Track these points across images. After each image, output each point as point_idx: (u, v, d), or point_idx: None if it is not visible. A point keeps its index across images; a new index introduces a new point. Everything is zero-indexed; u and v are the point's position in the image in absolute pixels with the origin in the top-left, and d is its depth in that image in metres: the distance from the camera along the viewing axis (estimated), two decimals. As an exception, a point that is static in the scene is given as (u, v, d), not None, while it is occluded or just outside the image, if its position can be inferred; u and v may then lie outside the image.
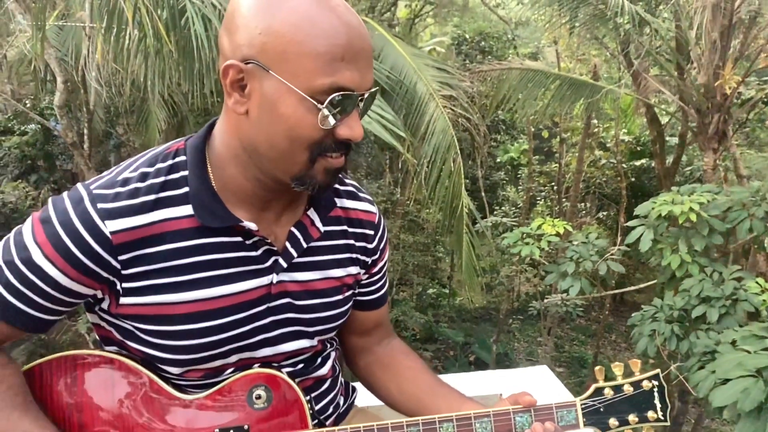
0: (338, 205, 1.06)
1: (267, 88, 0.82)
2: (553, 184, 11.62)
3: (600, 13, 5.85)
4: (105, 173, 0.92)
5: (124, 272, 0.88)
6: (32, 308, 0.88)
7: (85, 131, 6.35)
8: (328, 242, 1.03)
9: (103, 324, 0.96)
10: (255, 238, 0.94)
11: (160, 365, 0.95)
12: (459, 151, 4.48)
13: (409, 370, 1.16)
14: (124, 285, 0.89)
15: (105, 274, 0.88)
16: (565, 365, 10.11)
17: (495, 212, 10.93)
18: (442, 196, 4.72)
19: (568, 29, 6.49)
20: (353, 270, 1.07)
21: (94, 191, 0.87)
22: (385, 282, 1.18)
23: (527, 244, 4.10)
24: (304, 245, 0.99)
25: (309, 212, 1.01)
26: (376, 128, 3.98)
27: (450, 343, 10.34)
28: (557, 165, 11.10)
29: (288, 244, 0.98)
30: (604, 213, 11.30)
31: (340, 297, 1.05)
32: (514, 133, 11.23)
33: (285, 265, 0.97)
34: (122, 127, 8.74)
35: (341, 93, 0.81)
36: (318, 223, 1.01)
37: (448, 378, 2.29)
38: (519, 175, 12.48)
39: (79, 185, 0.89)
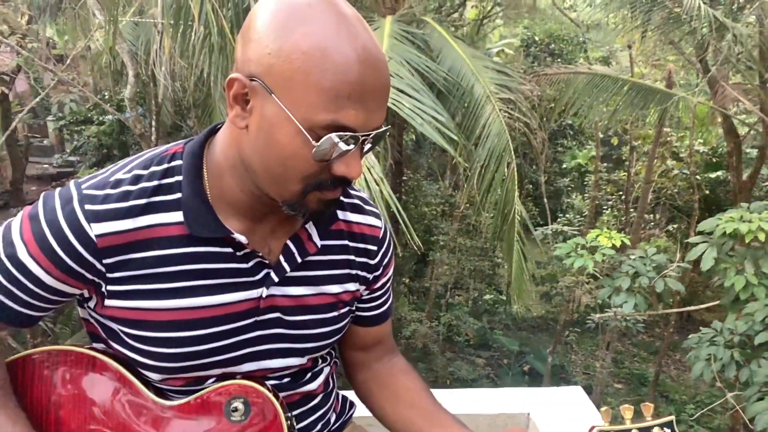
0: (341, 218, 1.01)
1: (267, 111, 0.78)
2: (620, 193, 11.20)
3: (675, 16, 5.57)
4: (101, 171, 0.90)
5: (109, 275, 0.87)
6: (16, 303, 0.87)
7: (153, 123, 6.58)
8: (325, 257, 0.99)
9: (91, 321, 0.96)
10: (246, 250, 0.91)
11: (141, 370, 0.93)
12: (513, 157, 4.36)
13: (407, 391, 1.11)
14: (109, 288, 0.87)
15: (90, 276, 0.86)
16: (624, 382, 9.73)
17: (559, 220, 10.63)
18: (495, 201, 4.61)
19: (641, 33, 6.22)
20: (351, 287, 1.03)
21: (84, 191, 0.86)
22: (388, 298, 1.13)
23: (581, 256, 3.94)
24: (299, 260, 0.95)
25: (307, 225, 0.96)
26: (428, 130, 3.92)
27: (504, 351, 10.14)
28: (626, 174, 10.68)
29: (282, 258, 0.94)
30: (674, 226, 10.79)
31: (334, 314, 1.01)
32: (582, 138, 10.90)
33: (276, 279, 0.94)
34: (192, 121, 9.04)
35: (341, 133, 0.77)
36: (315, 238, 0.97)
37: (474, 394, 2.21)
38: (586, 183, 12.10)
39: (71, 183, 0.88)
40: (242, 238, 0.88)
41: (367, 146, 0.82)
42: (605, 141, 10.88)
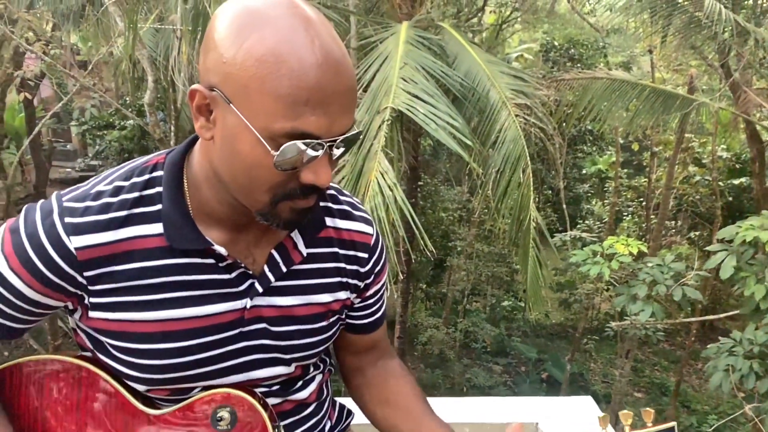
0: (330, 225, 0.99)
1: (228, 121, 0.76)
2: (641, 199, 11.06)
3: (696, 20, 5.48)
4: (83, 183, 0.90)
5: (91, 288, 0.86)
6: None
7: (172, 128, 6.65)
8: (314, 265, 0.97)
9: (79, 331, 0.96)
10: (228, 261, 0.90)
11: (126, 380, 0.93)
12: (529, 162, 4.32)
13: (398, 395, 1.09)
14: (92, 300, 0.87)
15: (72, 289, 0.86)
16: (644, 391, 9.59)
17: (578, 226, 10.52)
18: (510, 207, 4.58)
19: (661, 37, 6.14)
20: (342, 295, 1.00)
21: (65, 203, 0.85)
22: (380, 307, 1.11)
23: (596, 263, 3.88)
24: (284, 269, 0.94)
25: (293, 234, 0.95)
26: (442, 135, 3.91)
27: (522, 358, 10.06)
28: (647, 180, 10.55)
29: (266, 268, 0.93)
30: (696, 233, 10.62)
31: (323, 323, 0.99)
32: (602, 144, 10.79)
33: (261, 289, 0.92)
34: (211, 126, 9.10)
35: (304, 140, 0.74)
36: (301, 246, 0.95)
37: (483, 402, 2.19)
38: (606, 189, 11.97)
39: (53, 195, 0.87)
40: (222, 250, 0.87)
41: (338, 151, 0.79)
42: (626, 147, 10.76)
